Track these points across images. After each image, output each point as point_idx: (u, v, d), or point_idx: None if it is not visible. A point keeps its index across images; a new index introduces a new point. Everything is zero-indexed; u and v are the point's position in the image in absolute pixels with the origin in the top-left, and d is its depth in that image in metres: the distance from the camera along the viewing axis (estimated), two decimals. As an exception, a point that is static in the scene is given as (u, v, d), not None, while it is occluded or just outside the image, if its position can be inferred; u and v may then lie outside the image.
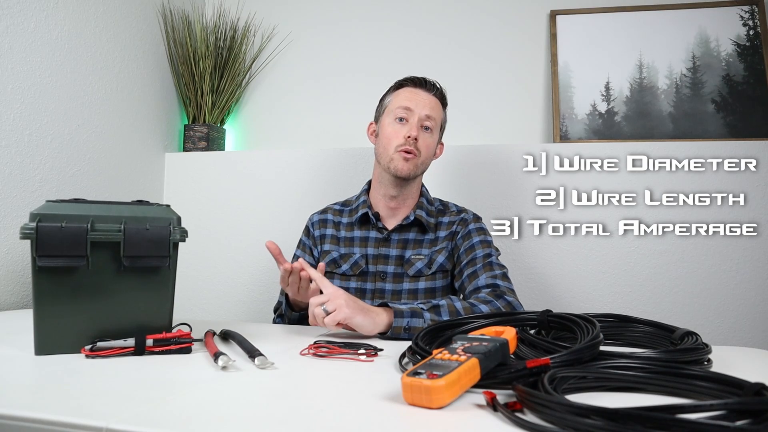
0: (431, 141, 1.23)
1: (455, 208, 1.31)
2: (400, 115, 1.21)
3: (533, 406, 0.49)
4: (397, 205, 1.26)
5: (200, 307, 1.85)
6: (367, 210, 1.26)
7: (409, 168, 1.20)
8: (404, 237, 1.25)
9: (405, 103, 1.21)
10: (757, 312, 1.47)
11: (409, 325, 0.95)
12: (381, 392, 0.59)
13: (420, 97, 1.22)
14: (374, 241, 1.25)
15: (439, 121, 1.26)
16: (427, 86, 1.24)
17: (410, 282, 1.21)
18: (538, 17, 1.85)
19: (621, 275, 1.56)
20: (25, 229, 0.73)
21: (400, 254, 1.23)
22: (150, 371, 0.69)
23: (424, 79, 1.25)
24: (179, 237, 0.81)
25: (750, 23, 1.68)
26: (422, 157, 1.22)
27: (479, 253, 1.19)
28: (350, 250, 1.26)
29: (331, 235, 1.29)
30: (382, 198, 1.27)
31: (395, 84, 1.28)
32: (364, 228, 1.27)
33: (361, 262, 1.23)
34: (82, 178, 1.55)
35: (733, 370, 0.60)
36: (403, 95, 1.23)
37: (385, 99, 1.28)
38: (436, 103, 1.24)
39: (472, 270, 1.17)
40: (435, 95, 1.24)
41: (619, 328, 0.84)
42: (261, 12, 2.07)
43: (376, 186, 1.28)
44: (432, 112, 1.22)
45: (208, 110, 1.95)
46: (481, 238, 1.22)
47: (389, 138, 1.22)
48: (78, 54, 1.52)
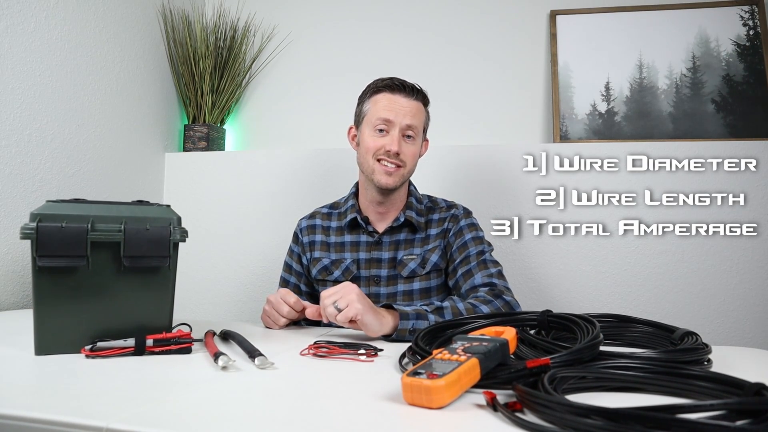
0: (414, 148, 1.19)
1: (444, 203, 1.28)
2: (380, 127, 1.16)
3: (533, 406, 0.49)
4: (386, 209, 1.23)
5: (200, 307, 1.85)
6: (356, 215, 1.23)
7: (394, 181, 1.16)
8: (395, 238, 1.23)
9: (384, 114, 1.15)
10: (757, 312, 1.47)
11: (414, 327, 0.95)
12: (381, 392, 0.59)
13: (399, 104, 1.16)
14: (365, 245, 1.23)
15: (422, 125, 1.21)
16: (406, 91, 1.17)
17: (405, 283, 1.20)
18: (538, 17, 1.85)
19: (621, 275, 1.56)
20: (25, 229, 0.73)
21: (393, 256, 1.21)
22: (150, 371, 0.69)
23: (402, 84, 1.18)
24: (179, 237, 0.81)
25: (750, 23, 1.68)
26: (408, 166, 1.18)
27: (472, 251, 1.17)
28: (341, 256, 1.24)
29: (320, 242, 1.27)
30: (369, 203, 1.24)
31: (372, 87, 1.21)
32: (354, 232, 1.25)
33: (352, 268, 1.22)
34: (82, 178, 1.55)
35: (733, 370, 0.60)
36: (382, 104, 1.17)
37: (364, 105, 1.22)
38: (417, 108, 1.18)
39: (467, 269, 1.16)
40: (416, 99, 1.18)
41: (619, 328, 0.84)
42: (261, 12, 2.07)
43: (362, 191, 1.26)
44: (413, 120, 1.17)
45: (208, 110, 1.95)
46: (473, 235, 1.20)
47: (368, 149, 1.17)
48: (78, 54, 1.52)
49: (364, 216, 1.24)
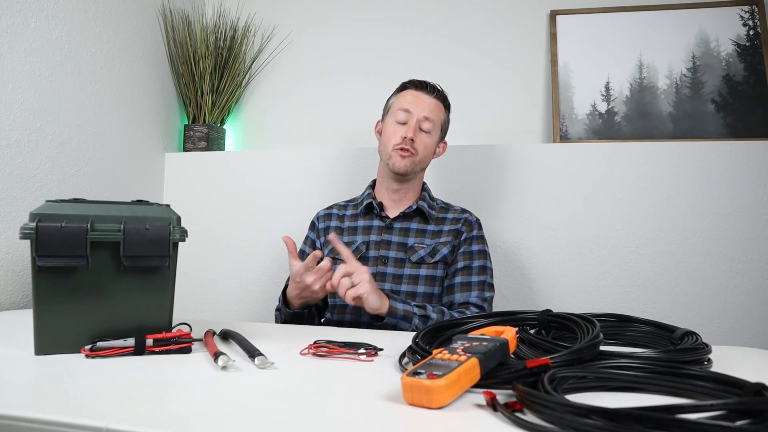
0: (429, 141, 1.29)
1: (459, 207, 1.37)
2: (400, 117, 1.28)
3: (533, 406, 0.49)
4: (400, 197, 1.33)
5: (200, 307, 1.85)
6: (372, 200, 1.32)
7: (406, 165, 1.26)
8: (406, 226, 1.30)
9: (405, 106, 1.28)
10: (757, 312, 1.47)
11: (396, 326, 1.08)
12: (381, 392, 0.59)
13: (420, 99, 1.28)
14: (377, 228, 1.31)
15: (439, 122, 1.31)
16: (427, 89, 1.29)
17: (412, 268, 1.25)
18: (538, 17, 1.85)
19: (621, 275, 1.56)
20: (25, 229, 0.73)
21: (403, 241, 1.28)
22: (150, 371, 0.69)
23: (425, 82, 1.30)
24: (179, 237, 0.81)
25: (750, 23, 1.68)
26: (420, 155, 1.28)
27: (476, 263, 1.25)
28: (352, 239, 1.31)
29: (335, 227, 1.35)
30: (385, 191, 1.33)
31: (399, 86, 1.35)
32: (367, 218, 1.33)
33: (361, 248, 1.28)
34: (82, 178, 1.55)
35: (733, 370, 0.60)
36: (405, 98, 1.30)
37: (390, 100, 1.35)
38: (437, 105, 1.30)
39: (467, 280, 1.23)
40: (436, 97, 1.30)
41: (619, 328, 0.84)
42: (261, 12, 2.07)
43: (380, 180, 1.36)
44: (431, 114, 1.28)
45: (208, 110, 1.95)
46: (480, 248, 1.28)
47: (389, 137, 1.29)
48: (78, 54, 1.52)
49: (379, 202, 1.32)
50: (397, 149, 1.26)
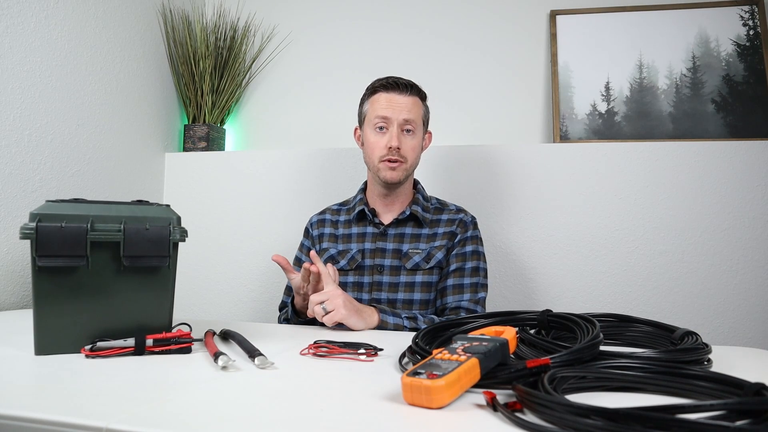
0: (415, 142, 1.24)
1: (454, 207, 1.33)
2: (379, 125, 1.22)
3: (533, 406, 0.49)
4: (392, 201, 1.29)
5: (200, 307, 1.85)
6: (364, 207, 1.29)
7: (398, 175, 1.22)
8: (401, 231, 1.27)
9: (382, 112, 1.21)
10: (757, 312, 1.47)
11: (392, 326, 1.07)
12: (381, 392, 0.59)
13: (396, 101, 1.21)
14: (371, 236, 1.28)
15: (420, 119, 1.25)
16: (400, 88, 1.22)
17: (407, 275, 1.23)
18: (538, 17, 1.85)
19: (621, 275, 1.56)
20: (25, 229, 0.73)
21: (397, 248, 1.25)
22: (150, 371, 0.69)
23: (395, 82, 1.23)
24: (179, 237, 0.81)
25: (750, 23, 1.68)
26: (409, 161, 1.23)
27: (468, 265, 1.23)
28: (348, 246, 1.29)
29: (329, 234, 1.32)
30: (377, 197, 1.30)
31: (369, 89, 1.27)
32: (361, 224, 1.30)
33: (357, 257, 1.26)
34: (82, 178, 1.55)
35: (733, 370, 0.60)
36: (379, 103, 1.22)
37: (363, 106, 1.28)
38: (414, 102, 1.23)
39: (459, 282, 1.21)
40: (410, 94, 1.23)
41: (619, 328, 0.84)
42: (261, 12, 2.07)
43: (370, 187, 1.32)
44: (410, 114, 1.21)
45: (208, 110, 1.95)
46: (473, 248, 1.25)
47: (372, 149, 1.23)
48: (78, 54, 1.52)
49: (371, 208, 1.29)
50: (384, 161, 1.21)
